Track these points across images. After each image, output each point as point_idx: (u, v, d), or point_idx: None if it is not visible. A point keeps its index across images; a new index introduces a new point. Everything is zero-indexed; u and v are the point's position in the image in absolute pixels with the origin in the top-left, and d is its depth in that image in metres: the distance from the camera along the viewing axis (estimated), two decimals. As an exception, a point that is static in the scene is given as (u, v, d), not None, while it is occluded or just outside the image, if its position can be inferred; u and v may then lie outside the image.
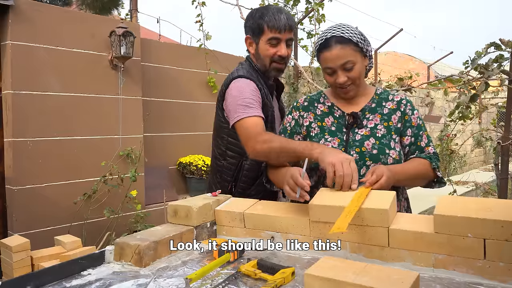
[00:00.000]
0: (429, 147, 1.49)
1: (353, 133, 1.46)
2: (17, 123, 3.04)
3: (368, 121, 1.48)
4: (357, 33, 1.44)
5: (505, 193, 2.76)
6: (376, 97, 1.53)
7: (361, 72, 1.46)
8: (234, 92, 1.62)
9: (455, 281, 0.92)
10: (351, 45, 1.41)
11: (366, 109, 1.51)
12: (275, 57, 1.68)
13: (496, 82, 3.28)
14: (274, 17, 1.65)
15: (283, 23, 1.65)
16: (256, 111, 1.57)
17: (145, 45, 3.92)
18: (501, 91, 5.33)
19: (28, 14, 3.08)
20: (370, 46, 1.50)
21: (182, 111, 4.28)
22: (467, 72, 2.79)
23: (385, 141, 1.44)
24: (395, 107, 1.50)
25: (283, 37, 1.67)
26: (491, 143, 4.74)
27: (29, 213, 3.08)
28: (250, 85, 1.62)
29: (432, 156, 1.47)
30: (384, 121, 1.48)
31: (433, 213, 0.97)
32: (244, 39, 1.78)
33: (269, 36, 1.66)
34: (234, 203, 1.32)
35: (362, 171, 1.38)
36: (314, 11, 5.31)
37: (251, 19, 1.72)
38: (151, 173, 3.94)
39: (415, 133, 1.49)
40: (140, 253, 1.06)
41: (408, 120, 1.49)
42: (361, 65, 1.45)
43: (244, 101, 1.58)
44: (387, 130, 1.46)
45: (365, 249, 1.04)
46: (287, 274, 0.94)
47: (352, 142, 1.44)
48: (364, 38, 1.46)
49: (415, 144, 1.48)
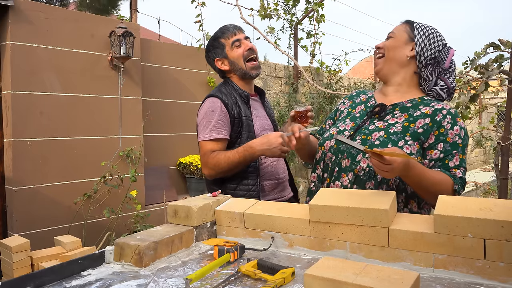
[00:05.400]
0: (457, 169, 1.34)
1: (371, 122, 1.46)
2: (17, 123, 3.04)
3: (392, 118, 1.44)
4: (425, 27, 1.47)
5: (505, 193, 2.76)
6: (418, 100, 1.46)
7: (395, 48, 1.48)
8: (202, 110, 1.82)
9: (455, 281, 0.92)
10: (407, 25, 1.50)
11: (399, 105, 1.46)
12: (245, 53, 1.85)
13: (496, 82, 3.28)
14: (223, 30, 1.88)
15: (232, 27, 1.87)
16: (214, 134, 1.76)
17: (145, 45, 3.91)
18: (501, 91, 5.33)
19: (28, 14, 3.08)
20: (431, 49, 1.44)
21: (182, 111, 4.27)
22: (467, 72, 2.79)
23: (394, 138, 1.37)
24: (428, 113, 1.39)
25: (240, 36, 1.87)
26: (491, 143, 4.74)
27: (29, 213, 3.08)
28: (215, 104, 1.78)
29: (457, 178, 1.33)
30: (406, 121, 1.40)
31: (433, 213, 0.97)
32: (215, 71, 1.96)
33: (231, 42, 1.85)
34: (234, 203, 1.32)
35: (358, 157, 1.39)
36: (314, 11, 5.31)
37: (209, 48, 1.92)
38: (151, 173, 3.94)
39: (447, 150, 1.35)
40: (140, 253, 1.06)
41: (444, 133, 1.36)
42: (399, 43, 1.47)
43: (207, 123, 1.77)
44: (403, 130, 1.38)
45: (365, 249, 1.04)
46: (287, 274, 0.94)
47: (363, 129, 1.44)
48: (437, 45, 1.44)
49: (442, 161, 1.35)
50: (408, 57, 1.46)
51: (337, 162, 1.45)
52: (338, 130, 1.50)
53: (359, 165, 1.39)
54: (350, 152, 1.41)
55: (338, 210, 1.06)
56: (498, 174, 2.83)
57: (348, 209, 1.04)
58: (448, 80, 1.46)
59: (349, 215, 1.04)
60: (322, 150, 1.52)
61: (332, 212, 1.07)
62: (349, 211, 1.04)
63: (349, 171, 1.41)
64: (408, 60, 1.46)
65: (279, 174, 1.89)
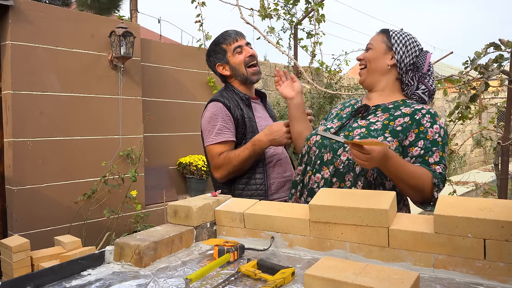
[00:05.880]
0: (437, 165, 1.37)
1: (354, 121, 1.54)
2: (17, 123, 3.04)
3: (374, 117, 1.51)
4: (405, 39, 1.52)
5: (505, 193, 2.76)
6: (400, 102, 1.52)
7: (375, 59, 1.54)
8: (206, 115, 1.84)
9: (455, 282, 0.92)
10: (384, 35, 1.56)
11: (381, 106, 1.53)
12: (247, 59, 1.88)
13: (496, 82, 3.28)
14: (225, 36, 1.90)
15: (233, 33, 1.90)
16: (220, 137, 1.78)
17: (145, 45, 3.91)
18: (501, 91, 5.33)
19: (28, 14, 3.08)
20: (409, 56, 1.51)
21: (182, 111, 4.27)
22: (467, 72, 2.79)
23: (374, 134, 1.43)
24: (408, 112, 1.45)
25: (242, 43, 1.89)
26: (491, 143, 4.74)
27: (29, 213, 3.08)
28: (218, 108, 1.81)
29: (436, 173, 1.36)
30: (387, 119, 1.47)
31: (433, 213, 0.97)
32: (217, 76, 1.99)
33: (232, 49, 1.88)
34: (234, 203, 1.32)
35: (339, 151, 1.46)
36: (314, 11, 5.31)
37: (210, 53, 1.94)
38: (151, 173, 3.94)
39: (427, 147, 1.39)
40: (140, 253, 1.06)
41: (423, 131, 1.41)
42: (378, 54, 1.53)
43: (212, 127, 1.80)
44: (383, 127, 1.45)
45: (365, 249, 1.04)
46: (287, 274, 0.94)
47: (347, 127, 1.53)
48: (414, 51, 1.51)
49: (422, 157, 1.39)
50: (388, 65, 1.53)
51: (319, 156, 1.52)
52: (325, 128, 1.60)
53: (339, 159, 1.46)
54: (332, 146, 1.49)
55: (338, 210, 1.06)
56: (498, 174, 2.83)
57: (348, 209, 1.04)
58: (428, 83, 1.54)
59: (349, 215, 1.04)
60: (307, 145, 1.59)
61: (332, 212, 1.07)
62: (349, 211, 1.04)
63: (330, 164, 1.48)
64: (389, 69, 1.54)
65: (285, 172, 1.92)
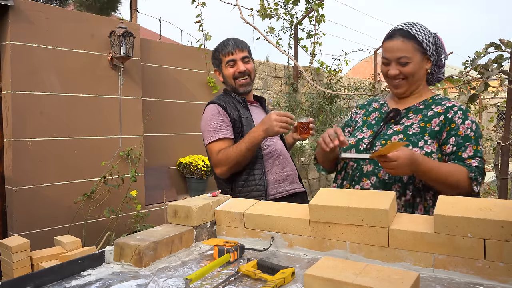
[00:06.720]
0: (472, 159, 1.36)
1: (388, 127, 1.49)
2: (17, 123, 3.04)
3: (407, 120, 1.47)
4: (426, 34, 1.43)
5: (505, 193, 2.76)
6: (430, 101, 1.50)
7: (416, 71, 1.44)
8: (204, 117, 1.94)
9: (455, 282, 0.92)
10: (413, 42, 1.42)
11: (412, 109, 1.50)
12: (236, 74, 1.96)
13: (496, 82, 3.28)
14: (223, 45, 1.98)
15: (231, 46, 1.96)
16: (218, 135, 1.86)
17: (145, 45, 3.91)
18: (500, 91, 5.33)
19: (28, 14, 3.08)
20: (442, 54, 1.47)
21: (182, 111, 4.27)
22: (467, 72, 2.79)
23: (413, 139, 1.40)
24: (441, 112, 1.44)
25: (237, 57, 1.96)
26: (491, 143, 4.74)
27: (29, 213, 3.08)
28: (214, 110, 1.90)
29: (472, 167, 1.35)
30: (422, 121, 1.44)
31: (433, 213, 0.97)
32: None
33: (226, 61, 1.97)
34: (234, 203, 1.32)
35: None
36: (314, 11, 5.32)
37: (212, 57, 2.05)
38: (151, 173, 3.94)
39: (459, 143, 1.39)
40: (140, 253, 1.06)
41: (455, 128, 1.40)
42: (418, 65, 1.44)
43: (210, 127, 1.88)
44: (421, 130, 1.42)
45: (365, 249, 1.04)
46: (287, 274, 0.94)
47: (382, 135, 1.47)
48: (434, 42, 1.45)
49: (455, 154, 1.38)
50: (428, 70, 1.49)
51: (358, 168, 1.48)
52: (356, 140, 1.53)
53: (382, 169, 1.41)
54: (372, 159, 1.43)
55: (338, 210, 1.06)
56: (498, 174, 2.82)
57: (348, 209, 1.04)
58: (442, 62, 1.53)
59: (349, 215, 1.04)
60: (344, 161, 1.55)
61: (332, 212, 1.07)
62: (349, 211, 1.04)
63: (371, 175, 1.44)
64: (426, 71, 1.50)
65: (285, 168, 1.95)
